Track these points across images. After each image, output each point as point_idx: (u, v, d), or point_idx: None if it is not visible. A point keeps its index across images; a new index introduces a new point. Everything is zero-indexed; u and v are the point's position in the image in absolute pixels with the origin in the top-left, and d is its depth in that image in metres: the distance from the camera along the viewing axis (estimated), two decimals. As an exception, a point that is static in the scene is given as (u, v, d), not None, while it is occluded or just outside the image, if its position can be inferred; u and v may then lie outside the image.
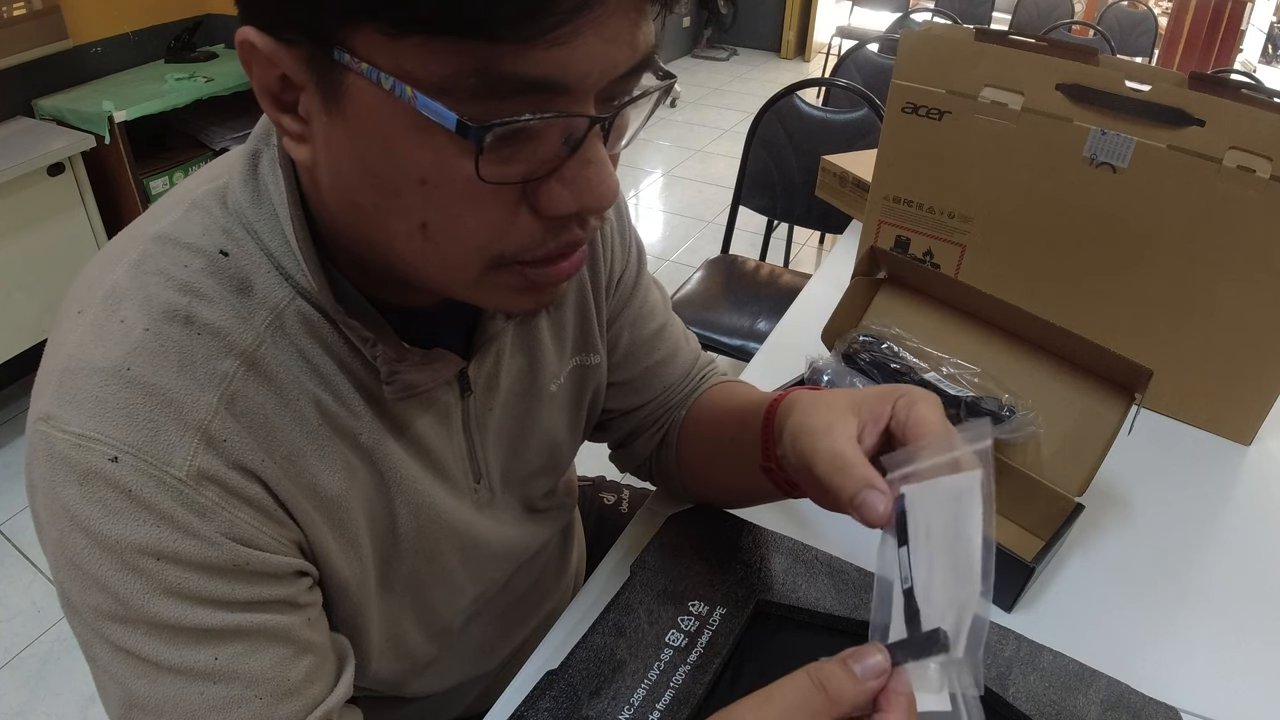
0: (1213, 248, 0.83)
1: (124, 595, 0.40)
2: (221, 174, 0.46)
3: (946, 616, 0.40)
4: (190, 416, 0.41)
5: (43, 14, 1.98)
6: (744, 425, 0.60)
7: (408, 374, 0.47)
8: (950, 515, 0.42)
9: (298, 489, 0.45)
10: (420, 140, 0.35)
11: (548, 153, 0.37)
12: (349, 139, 0.37)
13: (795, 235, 2.64)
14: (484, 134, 0.34)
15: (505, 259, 0.39)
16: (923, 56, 0.92)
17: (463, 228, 0.38)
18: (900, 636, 0.41)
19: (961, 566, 0.41)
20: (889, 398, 0.48)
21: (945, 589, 0.41)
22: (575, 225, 0.40)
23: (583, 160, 0.37)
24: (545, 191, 0.38)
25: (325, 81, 0.35)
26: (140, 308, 0.41)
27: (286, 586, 0.45)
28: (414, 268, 0.40)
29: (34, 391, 0.42)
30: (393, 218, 0.38)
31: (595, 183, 0.38)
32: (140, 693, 0.41)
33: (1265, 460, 0.88)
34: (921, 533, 0.42)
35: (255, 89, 0.38)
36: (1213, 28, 4.43)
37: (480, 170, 0.35)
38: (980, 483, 0.42)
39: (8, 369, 2.00)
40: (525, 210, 0.38)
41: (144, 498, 0.39)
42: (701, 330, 1.70)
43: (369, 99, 0.35)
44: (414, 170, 0.36)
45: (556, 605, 0.77)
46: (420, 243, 0.38)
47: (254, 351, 0.43)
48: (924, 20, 3.67)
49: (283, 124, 0.39)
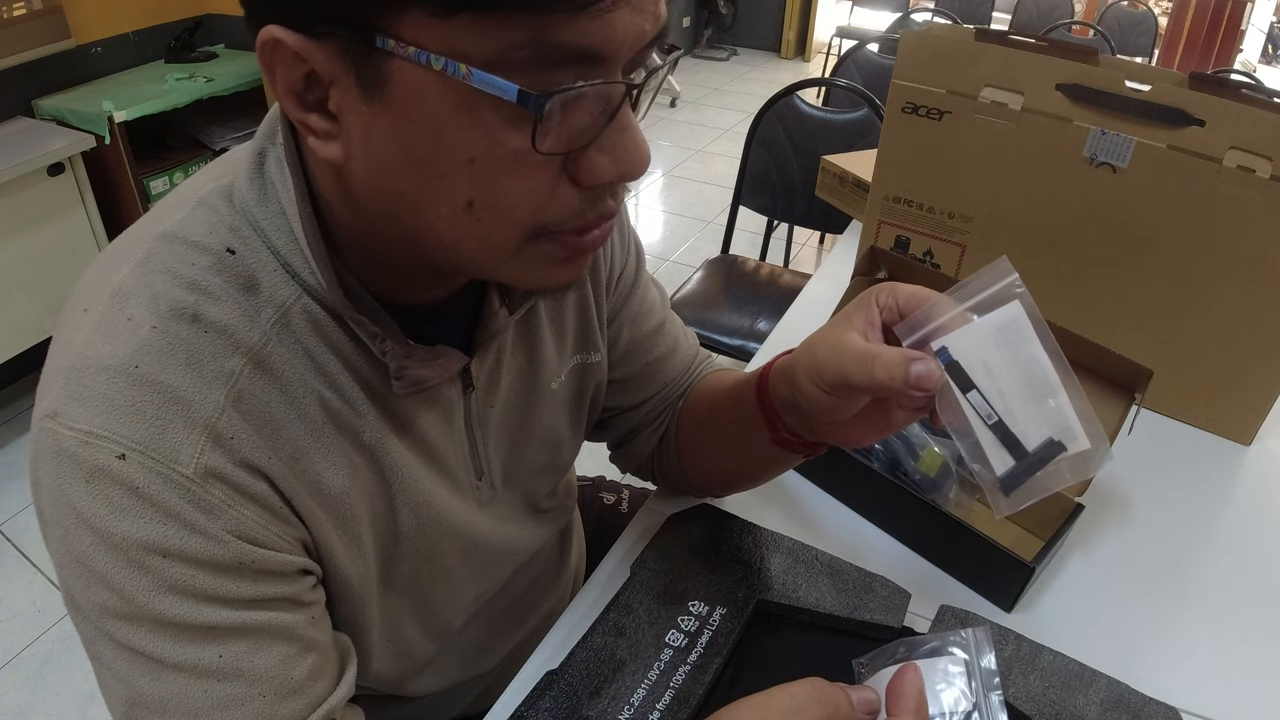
0: (1213, 247, 0.83)
1: (129, 592, 0.40)
2: (227, 172, 0.46)
3: (1042, 429, 0.42)
4: (198, 414, 0.41)
5: (43, 14, 1.98)
6: (738, 404, 0.61)
7: (415, 370, 0.47)
8: (1004, 346, 0.44)
9: (303, 486, 0.45)
10: (470, 119, 0.36)
11: (587, 122, 0.38)
12: (393, 127, 0.37)
13: (795, 235, 2.64)
14: (544, 102, 0.34)
15: (544, 229, 0.40)
16: (923, 56, 0.92)
17: (509, 202, 0.38)
18: (1009, 466, 0.43)
19: (1038, 383, 0.43)
20: (868, 300, 0.50)
21: (1031, 408, 0.43)
22: (609, 195, 0.41)
23: (619, 128, 0.38)
24: (585, 161, 0.39)
25: (365, 71, 0.35)
26: (148, 306, 0.41)
27: (291, 585, 0.45)
28: (453, 249, 0.41)
29: (39, 389, 0.42)
30: (437, 201, 0.38)
31: (633, 149, 0.39)
32: (144, 690, 0.41)
33: (1265, 460, 0.88)
34: (981, 372, 0.44)
35: (279, 89, 0.37)
36: (1213, 28, 4.43)
37: (537, 142, 0.36)
38: (1023, 310, 0.43)
39: (8, 369, 2.00)
40: (565, 181, 0.39)
41: (151, 495, 0.39)
42: (701, 330, 1.70)
43: (415, 83, 0.35)
44: (464, 149, 0.36)
45: (555, 605, 0.77)
46: (465, 222, 0.39)
47: (260, 350, 0.43)
48: (924, 20, 3.67)
49: (309, 123, 0.38)
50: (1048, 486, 0.43)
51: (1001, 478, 0.43)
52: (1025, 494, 0.44)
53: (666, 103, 4.67)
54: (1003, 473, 0.44)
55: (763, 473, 0.68)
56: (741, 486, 0.73)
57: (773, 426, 0.58)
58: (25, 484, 1.29)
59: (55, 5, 1.99)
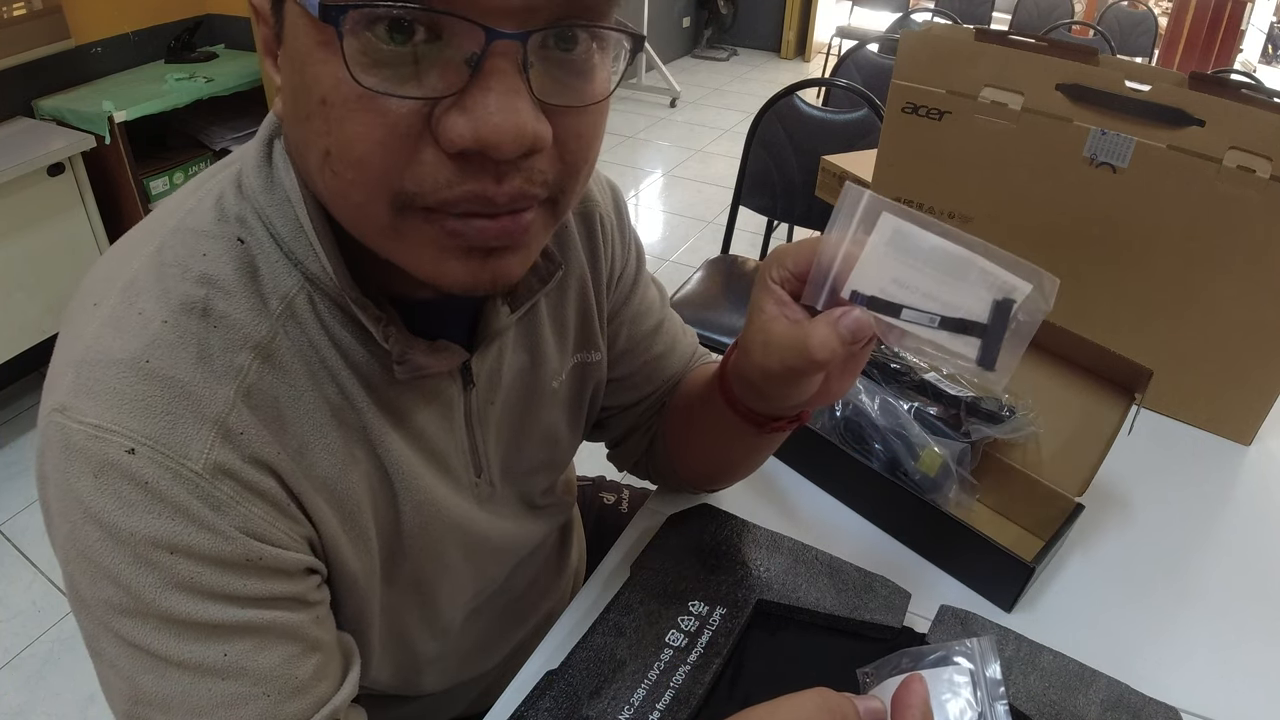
0: (1213, 247, 0.83)
1: (136, 589, 0.40)
2: (236, 160, 0.46)
3: (983, 298, 0.43)
4: (208, 409, 0.41)
5: (44, 14, 1.97)
6: (708, 383, 0.62)
7: (417, 356, 0.47)
8: (902, 254, 0.44)
9: (309, 482, 0.45)
10: (322, 56, 0.35)
11: (449, 75, 0.35)
12: (289, 73, 0.38)
13: (795, 235, 2.64)
14: (341, 15, 0.33)
15: (410, 199, 0.37)
16: (923, 56, 0.92)
17: (358, 152, 0.36)
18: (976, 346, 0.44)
19: (952, 265, 0.44)
20: (764, 282, 0.50)
21: (960, 287, 0.44)
22: (489, 176, 0.36)
23: (483, 86, 0.34)
24: (445, 119, 0.35)
25: (278, 16, 0.37)
26: (159, 300, 0.41)
27: (297, 583, 0.45)
28: (335, 208, 0.40)
29: (47, 383, 0.42)
30: (308, 149, 0.38)
31: (493, 111, 0.34)
32: (148, 688, 0.41)
33: (1265, 460, 0.88)
34: (898, 290, 0.45)
35: (259, 51, 0.39)
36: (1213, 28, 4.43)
37: (350, 68, 0.33)
38: (894, 215, 0.44)
39: (8, 369, 2.00)
40: (430, 144, 0.36)
41: (160, 490, 0.39)
42: (701, 330, 1.70)
43: (293, 19, 0.36)
44: (316, 88, 0.35)
45: (555, 605, 0.77)
46: (329, 177, 0.37)
47: (268, 343, 0.43)
48: (924, 20, 3.67)
49: (274, 79, 0.40)
50: (1024, 337, 0.44)
51: (978, 359, 0.44)
52: (1008, 357, 0.44)
53: (666, 103, 4.67)
54: (976, 355, 0.44)
55: (747, 458, 0.69)
56: (729, 477, 0.73)
57: (745, 416, 0.58)
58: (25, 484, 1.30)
59: (55, 5, 1.99)
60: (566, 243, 0.59)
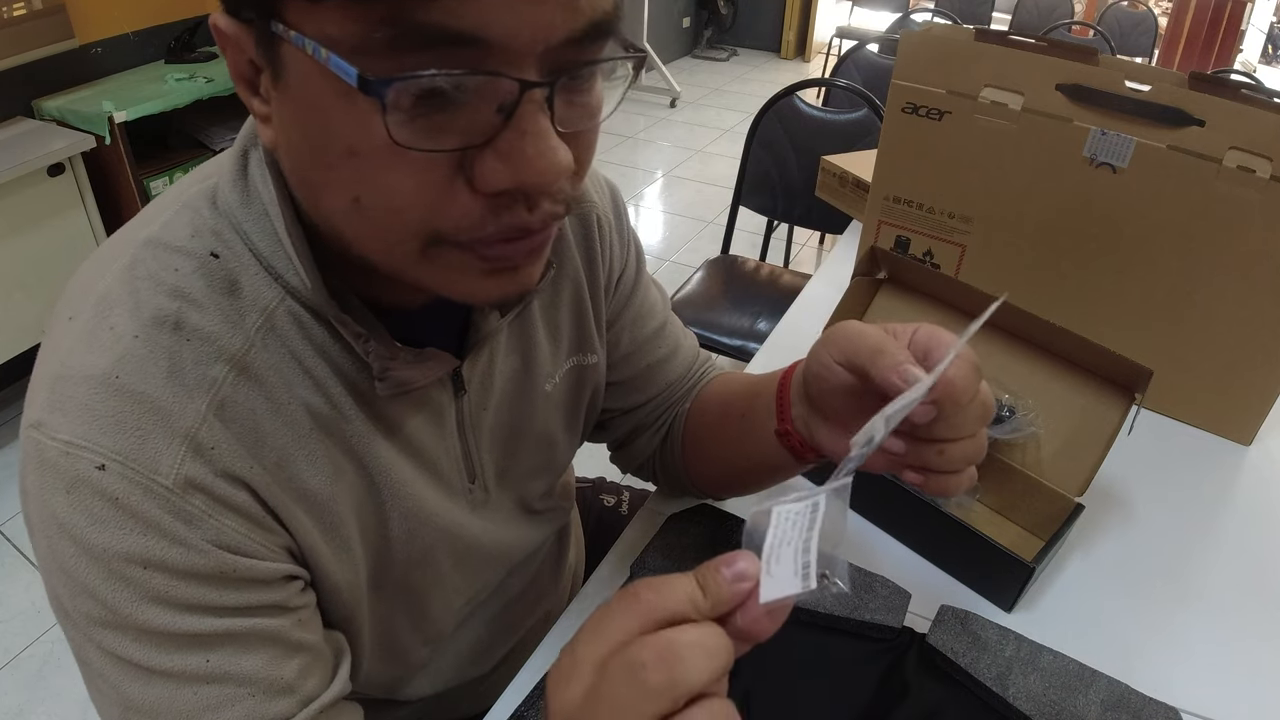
0: (1213, 248, 0.83)
1: (112, 603, 0.40)
2: (212, 174, 0.46)
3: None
4: (178, 424, 0.40)
5: (44, 14, 1.97)
6: (756, 397, 0.60)
7: (400, 371, 0.47)
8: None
9: (287, 494, 0.45)
10: (346, 107, 0.34)
11: (480, 121, 0.35)
12: (293, 113, 0.37)
13: (795, 235, 2.64)
14: (384, 88, 0.32)
15: (444, 238, 0.37)
16: (923, 57, 0.92)
17: (393, 201, 0.36)
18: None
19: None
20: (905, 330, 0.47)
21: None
22: (521, 207, 0.37)
23: (518, 130, 0.35)
24: (479, 164, 0.35)
25: (271, 56, 0.36)
26: (130, 314, 0.41)
27: (276, 591, 0.45)
28: (359, 246, 0.40)
29: (27, 397, 0.42)
30: (332, 193, 0.38)
31: (532, 156, 0.35)
32: (134, 696, 0.41)
33: (1265, 460, 0.88)
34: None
35: (231, 75, 0.39)
36: (1213, 28, 4.43)
37: (391, 132, 0.33)
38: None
39: (8, 369, 2.00)
40: (463, 186, 0.36)
41: (130, 505, 0.39)
42: (701, 330, 1.70)
43: (303, 68, 0.35)
44: (343, 139, 0.35)
45: (552, 607, 0.77)
46: (358, 219, 0.38)
47: (244, 356, 0.43)
48: (924, 20, 3.67)
49: (254, 107, 0.39)
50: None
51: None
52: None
53: (666, 103, 4.67)
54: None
55: (762, 474, 0.68)
56: (742, 488, 0.73)
57: (782, 415, 0.57)
58: (24, 486, 1.25)
59: (56, 5, 1.99)
60: (560, 243, 0.59)
